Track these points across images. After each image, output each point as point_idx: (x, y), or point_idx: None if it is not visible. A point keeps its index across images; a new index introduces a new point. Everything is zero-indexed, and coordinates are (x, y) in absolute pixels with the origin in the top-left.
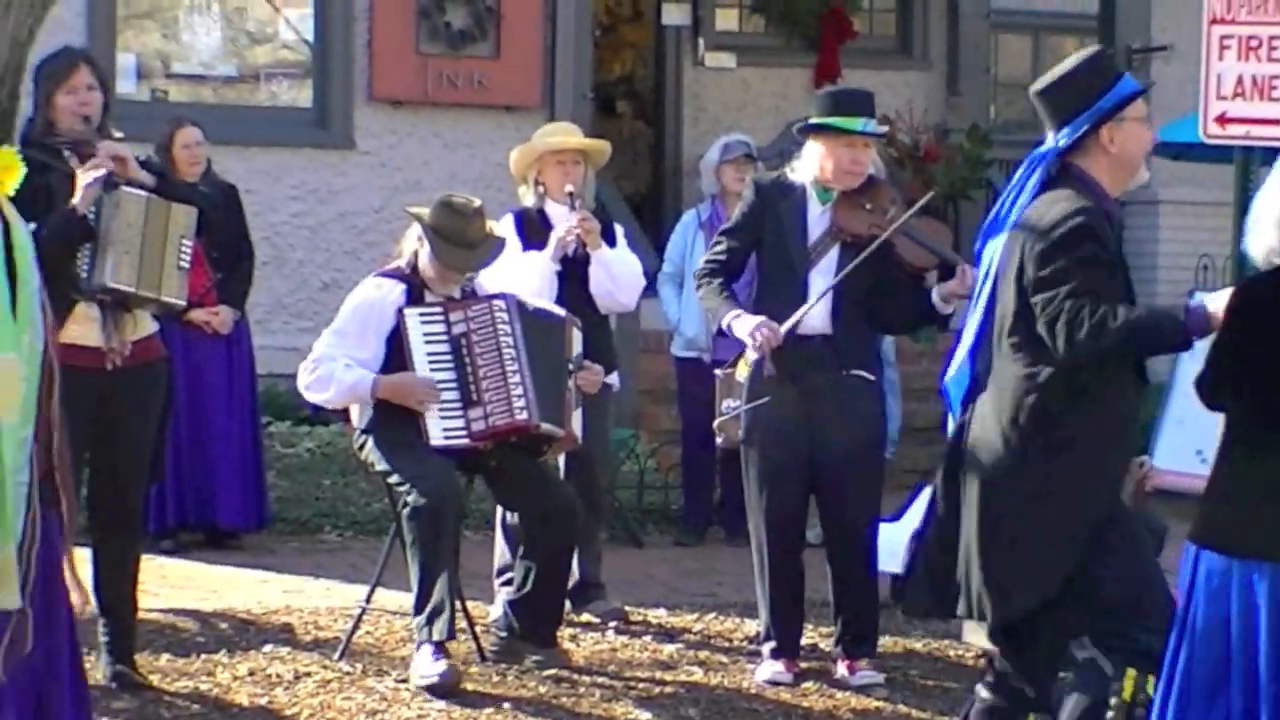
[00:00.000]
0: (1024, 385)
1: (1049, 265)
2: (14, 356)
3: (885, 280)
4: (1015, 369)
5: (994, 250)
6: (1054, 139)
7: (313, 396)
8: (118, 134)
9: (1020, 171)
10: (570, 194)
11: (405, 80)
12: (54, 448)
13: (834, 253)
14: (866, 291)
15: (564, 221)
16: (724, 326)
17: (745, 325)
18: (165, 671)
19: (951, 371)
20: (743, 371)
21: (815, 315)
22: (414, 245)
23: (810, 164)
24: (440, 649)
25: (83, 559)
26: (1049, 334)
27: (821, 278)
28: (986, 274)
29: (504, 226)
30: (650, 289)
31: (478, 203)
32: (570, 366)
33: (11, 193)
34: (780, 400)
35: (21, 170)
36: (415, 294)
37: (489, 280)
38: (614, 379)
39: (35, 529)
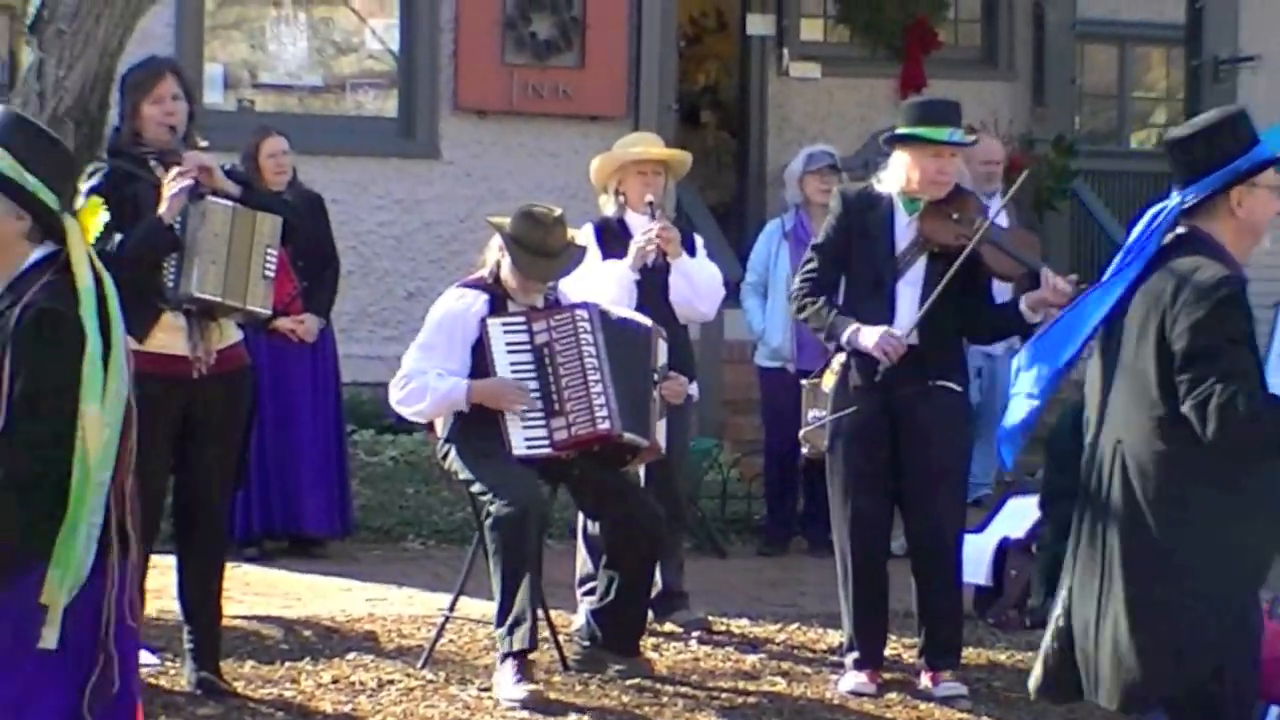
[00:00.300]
0: (1166, 463)
1: (1199, 340)
2: (97, 408)
3: (974, 290)
4: (1156, 441)
5: (1106, 302)
6: (1179, 196)
7: (406, 411)
8: (203, 143)
9: (1138, 230)
10: (650, 204)
11: (490, 90)
12: (127, 492)
13: (921, 263)
14: (954, 301)
15: (644, 230)
16: (844, 341)
17: (870, 337)
18: (249, 678)
19: (1017, 416)
20: (828, 382)
21: (903, 326)
22: (496, 255)
23: (897, 174)
24: (523, 666)
25: (167, 566)
26: (1198, 417)
27: (909, 288)
28: (1108, 327)
29: (584, 236)
30: (733, 299)
31: (558, 212)
32: (655, 376)
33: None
34: (866, 410)
35: (104, 215)
36: (498, 304)
37: (570, 289)
38: (693, 389)
39: (115, 572)
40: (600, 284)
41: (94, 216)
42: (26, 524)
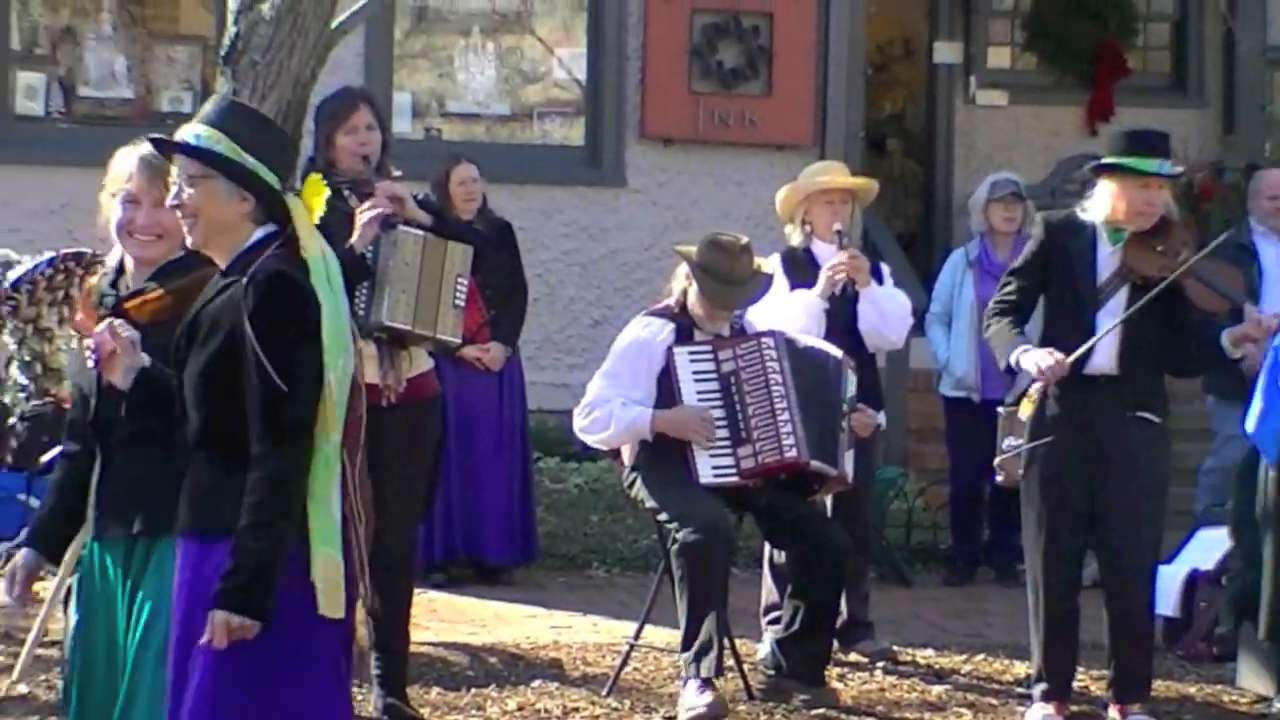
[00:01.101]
0: None
1: None
2: (334, 377)
3: (1176, 323)
4: None
5: None
6: None
7: (590, 438)
8: (396, 173)
9: None
10: (838, 232)
11: (677, 118)
12: (356, 463)
13: (1123, 294)
14: (1155, 333)
15: (833, 259)
16: (1012, 362)
17: (1032, 357)
18: (435, 705)
19: (1254, 420)
20: (1026, 410)
21: (1103, 355)
22: (683, 284)
23: (1102, 204)
24: (707, 684)
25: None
26: None
27: (1110, 319)
28: None
29: (771, 265)
30: (918, 327)
31: (745, 240)
32: (845, 407)
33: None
34: (1063, 440)
35: (326, 192)
36: (684, 332)
37: (759, 318)
38: (880, 417)
39: (356, 547)
40: (790, 313)
41: (318, 194)
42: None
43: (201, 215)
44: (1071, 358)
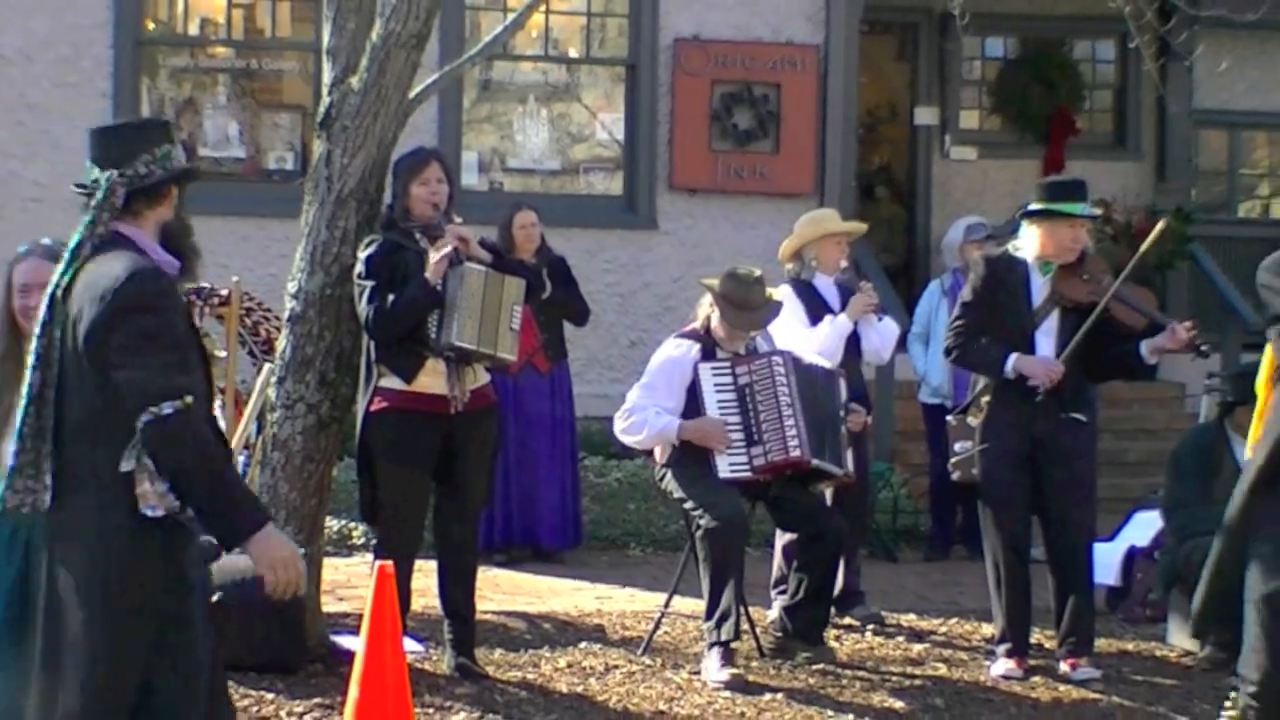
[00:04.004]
0: None
1: None
2: None
3: (1101, 338)
4: None
5: None
6: None
7: (627, 439)
8: (458, 219)
9: None
10: (845, 268)
11: (700, 172)
12: None
13: (1055, 316)
14: (1085, 348)
15: (865, 294)
16: (1010, 369)
17: (1034, 365)
18: (498, 664)
19: None
20: (975, 418)
21: None
22: (706, 310)
23: (1032, 243)
24: (727, 653)
25: (430, 570)
26: None
27: (1045, 337)
28: None
29: (782, 293)
30: (901, 346)
31: (759, 273)
32: (842, 411)
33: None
34: (1009, 440)
35: None
36: (708, 351)
37: (789, 339)
38: (869, 418)
39: None
40: (822, 336)
41: None
42: None
43: None
44: (1063, 356)
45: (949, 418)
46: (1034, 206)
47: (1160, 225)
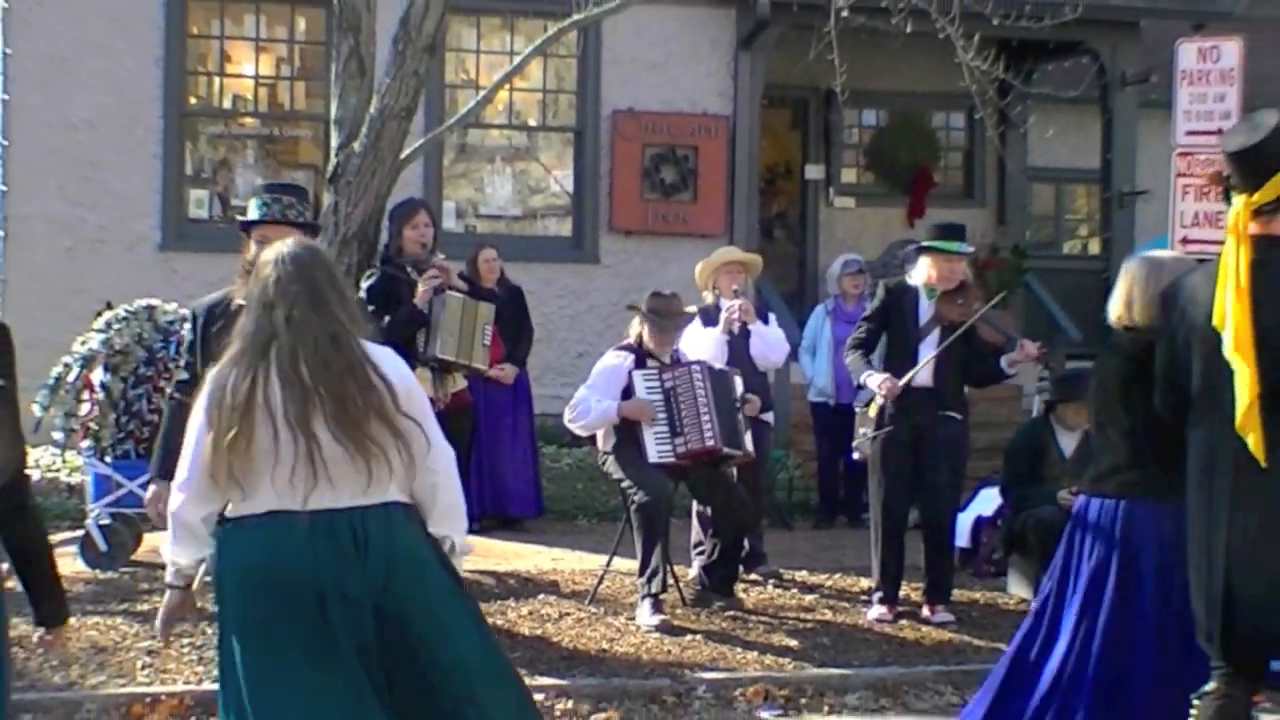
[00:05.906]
0: None
1: None
2: None
3: (971, 352)
4: None
5: None
6: None
7: (574, 426)
8: (440, 256)
9: None
10: (736, 290)
11: (634, 217)
12: None
13: (936, 332)
14: (959, 359)
15: (729, 306)
16: (862, 380)
17: (876, 379)
18: None
19: None
20: (873, 411)
21: (924, 374)
22: (638, 329)
23: (921, 272)
24: (656, 603)
25: None
26: None
27: (928, 349)
28: None
29: (691, 311)
30: (794, 356)
31: (673, 291)
32: (738, 403)
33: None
34: (898, 429)
35: None
36: (640, 360)
37: (686, 349)
38: (769, 416)
39: None
40: (703, 343)
41: None
42: None
43: None
44: (903, 381)
45: (857, 408)
46: (924, 243)
47: (999, 297)
